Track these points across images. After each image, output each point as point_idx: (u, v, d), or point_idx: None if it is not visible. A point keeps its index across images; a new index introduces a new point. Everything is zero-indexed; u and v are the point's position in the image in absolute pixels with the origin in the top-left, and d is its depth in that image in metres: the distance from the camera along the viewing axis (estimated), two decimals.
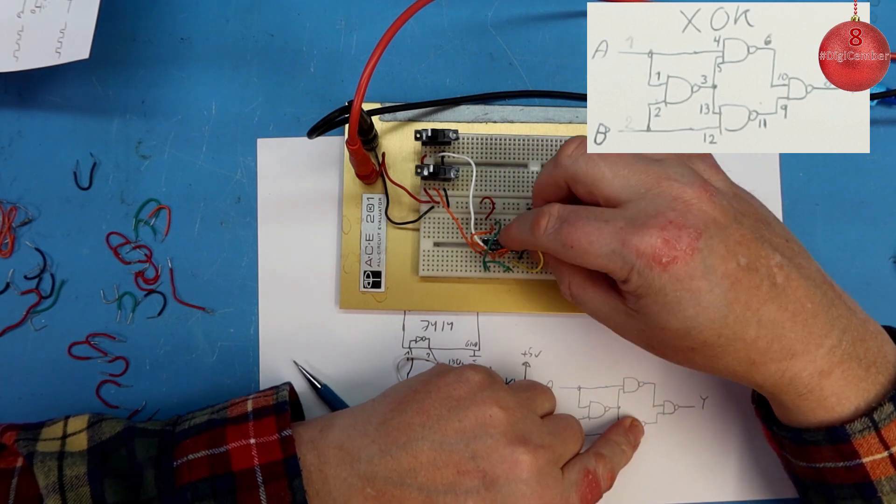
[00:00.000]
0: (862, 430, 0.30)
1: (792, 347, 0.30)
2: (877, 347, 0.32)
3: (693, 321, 0.30)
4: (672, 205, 0.30)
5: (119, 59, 0.43)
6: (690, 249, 0.29)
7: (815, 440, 0.32)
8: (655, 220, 0.29)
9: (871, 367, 0.31)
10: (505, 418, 0.32)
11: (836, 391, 0.31)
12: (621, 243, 0.30)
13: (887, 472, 0.31)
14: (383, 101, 0.41)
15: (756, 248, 0.30)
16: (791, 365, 0.31)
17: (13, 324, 0.41)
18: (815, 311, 0.30)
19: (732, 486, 0.40)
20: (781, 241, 0.31)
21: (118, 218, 0.42)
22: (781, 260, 0.30)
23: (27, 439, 0.33)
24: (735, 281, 0.29)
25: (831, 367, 0.31)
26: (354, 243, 0.41)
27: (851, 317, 0.31)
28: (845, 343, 0.31)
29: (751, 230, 0.30)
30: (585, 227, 0.31)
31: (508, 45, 0.43)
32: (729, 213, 0.30)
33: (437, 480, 0.31)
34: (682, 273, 0.29)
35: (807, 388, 0.31)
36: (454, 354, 0.41)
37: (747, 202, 0.32)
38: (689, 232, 0.29)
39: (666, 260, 0.29)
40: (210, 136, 0.42)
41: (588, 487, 0.34)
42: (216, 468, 0.31)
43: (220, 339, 0.41)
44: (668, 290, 0.29)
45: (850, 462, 0.31)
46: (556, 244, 0.32)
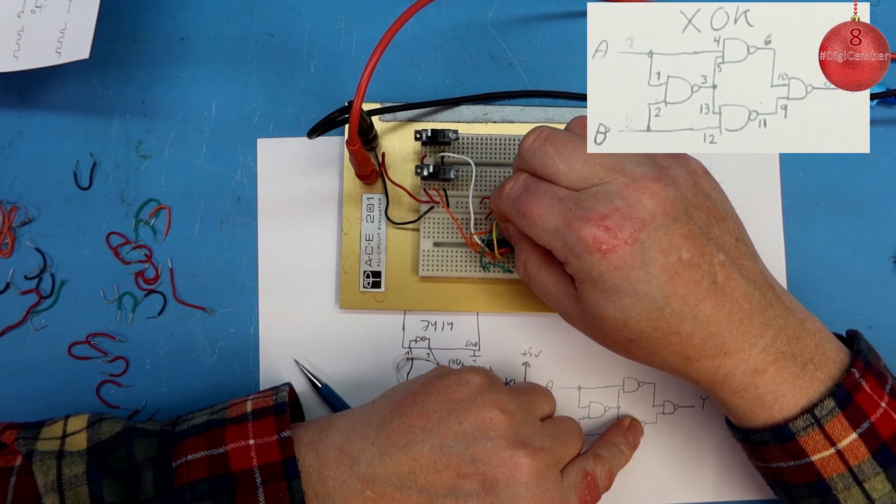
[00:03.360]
0: (805, 427, 0.31)
1: (725, 345, 0.31)
2: (814, 345, 0.32)
3: (630, 310, 0.30)
4: (622, 192, 0.30)
5: (119, 59, 0.43)
6: (632, 240, 0.29)
7: (764, 440, 0.32)
8: (602, 207, 0.30)
9: (808, 364, 0.31)
10: (505, 421, 0.32)
11: (772, 389, 0.31)
12: (566, 224, 0.30)
13: (838, 468, 0.31)
14: (383, 101, 0.41)
15: (701, 244, 0.30)
16: (724, 362, 0.31)
17: (13, 324, 0.41)
18: (752, 311, 0.31)
19: (732, 487, 0.40)
20: (730, 239, 0.32)
21: (118, 218, 0.42)
22: (724, 259, 0.31)
23: (27, 438, 0.33)
24: (674, 275, 0.30)
25: (765, 366, 0.31)
26: (354, 243, 0.41)
27: (788, 316, 0.32)
28: (780, 342, 0.31)
29: (699, 226, 0.31)
30: (541, 200, 0.31)
31: (508, 45, 0.43)
32: (679, 206, 0.30)
33: (437, 483, 0.31)
34: (620, 262, 0.29)
35: (741, 385, 0.31)
36: (454, 354, 0.41)
37: (705, 195, 0.32)
38: (633, 222, 0.29)
39: (605, 248, 0.29)
40: (210, 136, 0.42)
41: (587, 489, 0.34)
42: (215, 469, 0.31)
43: (220, 339, 0.41)
44: (607, 278, 0.30)
45: (799, 461, 0.31)
46: (513, 210, 0.33)
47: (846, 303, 0.41)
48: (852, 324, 0.41)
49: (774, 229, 0.42)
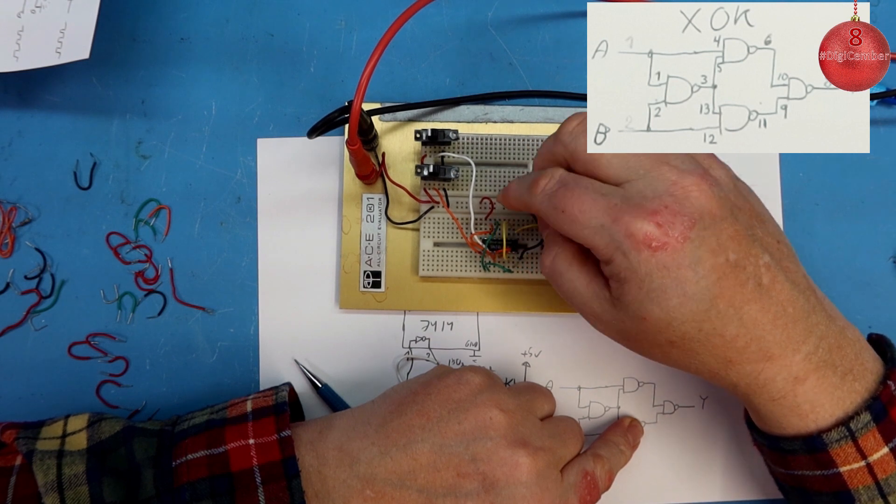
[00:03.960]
0: (839, 439, 0.30)
1: (769, 350, 0.30)
2: (854, 355, 0.31)
3: (676, 311, 0.29)
4: (670, 189, 0.29)
5: (119, 59, 0.43)
6: (682, 238, 0.29)
7: (792, 449, 0.32)
8: (651, 203, 0.29)
9: (847, 374, 0.31)
10: (505, 421, 0.32)
11: (811, 398, 0.31)
12: (612, 219, 0.29)
13: (865, 481, 0.30)
14: (383, 101, 0.41)
15: (747, 245, 0.30)
16: (766, 367, 0.30)
17: (13, 324, 0.41)
18: (796, 316, 0.30)
19: (732, 487, 0.40)
20: (773, 241, 0.31)
21: (118, 218, 0.42)
22: (770, 261, 0.30)
23: (27, 437, 0.33)
24: (722, 276, 0.29)
25: (806, 374, 0.30)
26: (354, 243, 0.41)
27: (830, 324, 0.31)
28: (822, 350, 0.31)
29: (744, 226, 0.30)
30: (582, 195, 0.30)
31: (508, 45, 0.43)
32: (725, 206, 0.30)
33: (437, 483, 0.31)
34: (669, 261, 0.29)
35: (780, 392, 0.31)
36: (454, 354, 0.41)
37: (745, 197, 0.32)
38: (684, 220, 0.29)
39: (656, 245, 0.29)
40: (210, 136, 0.42)
41: (586, 489, 0.34)
42: (214, 468, 0.31)
43: (220, 339, 0.41)
44: (655, 277, 0.29)
45: (827, 471, 0.31)
46: (549, 206, 0.31)
47: (846, 303, 0.41)
48: (852, 324, 0.41)
49: None
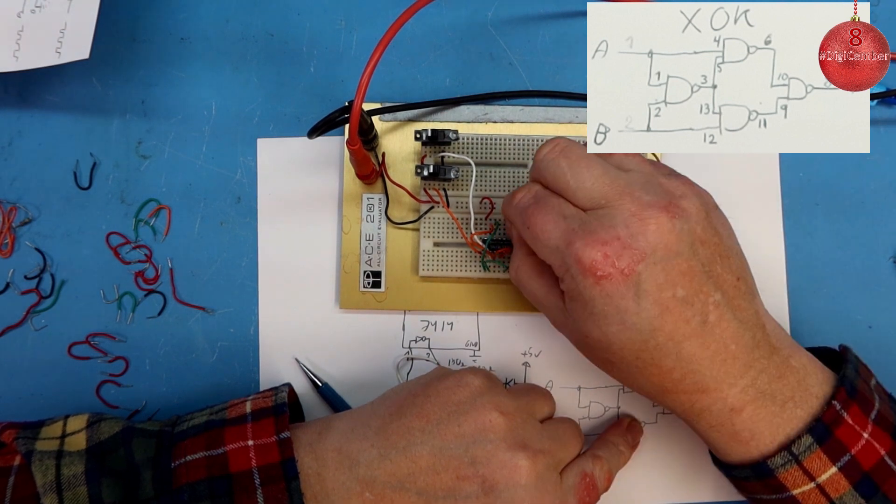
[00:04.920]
0: (783, 463, 0.31)
1: (704, 383, 0.31)
2: (796, 383, 0.32)
3: (614, 337, 0.30)
4: (626, 221, 0.30)
5: (119, 59, 0.43)
6: (629, 270, 0.29)
7: (745, 476, 0.32)
8: (604, 232, 0.30)
9: (788, 402, 0.31)
10: (504, 423, 0.32)
11: (749, 426, 0.31)
12: (566, 243, 0.30)
13: (819, 501, 0.31)
14: (383, 101, 0.41)
15: (698, 282, 0.30)
16: (700, 398, 0.31)
17: (13, 324, 0.41)
18: (737, 352, 0.31)
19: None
20: (731, 278, 0.31)
21: (118, 218, 0.42)
22: (720, 299, 0.30)
23: (26, 438, 0.33)
24: (665, 310, 0.30)
25: (743, 405, 0.31)
26: (354, 243, 0.41)
27: (772, 356, 0.32)
28: (760, 381, 0.31)
29: (701, 262, 0.30)
30: (547, 214, 0.31)
31: (508, 45, 0.43)
32: (684, 240, 0.30)
33: (437, 485, 0.31)
34: (613, 290, 0.29)
35: (717, 421, 0.32)
36: (454, 354, 0.41)
37: (714, 230, 0.31)
38: (633, 253, 0.29)
39: (601, 274, 0.29)
40: (210, 136, 0.42)
41: (585, 490, 0.34)
42: (213, 470, 0.31)
43: (220, 339, 0.41)
44: (597, 303, 0.30)
45: (780, 494, 0.32)
46: (519, 219, 0.33)
47: (846, 303, 0.41)
48: (852, 324, 0.41)
49: (774, 229, 0.42)
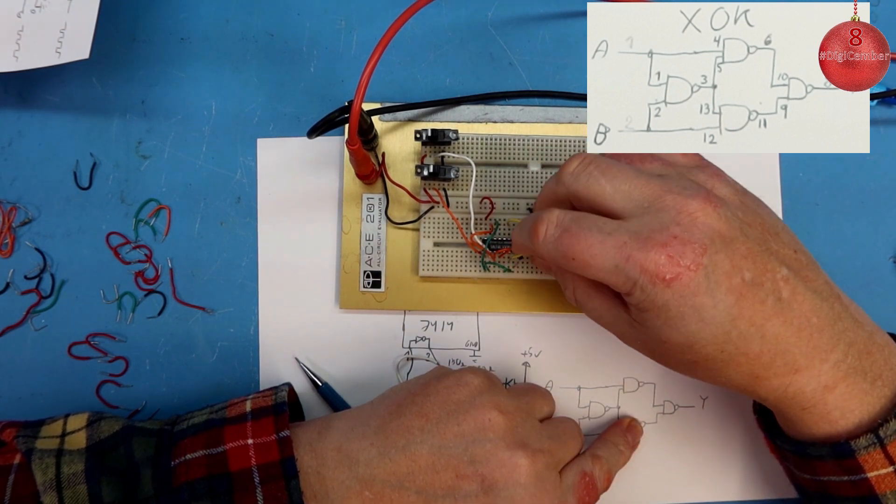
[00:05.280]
0: (867, 446, 0.30)
1: (796, 363, 0.30)
2: (883, 360, 0.31)
3: (696, 336, 0.29)
4: (676, 219, 0.29)
5: (119, 59, 0.43)
6: (695, 266, 0.29)
7: (820, 454, 0.31)
8: (659, 235, 0.29)
9: (877, 380, 0.31)
10: (504, 422, 0.32)
11: (840, 405, 0.31)
12: (625, 259, 0.29)
13: (893, 485, 0.30)
14: (383, 101, 0.41)
15: (762, 261, 0.30)
16: (795, 380, 0.30)
17: (13, 324, 0.41)
18: (821, 325, 0.30)
19: (733, 487, 0.40)
20: (789, 252, 0.31)
21: (118, 218, 0.42)
22: (788, 273, 0.30)
23: (26, 436, 0.33)
24: (740, 296, 0.29)
25: (836, 382, 0.30)
26: (354, 243, 0.41)
27: (858, 330, 0.31)
28: (850, 357, 0.30)
29: (757, 242, 0.30)
30: (588, 238, 0.30)
31: (508, 45, 0.43)
32: (734, 226, 0.30)
33: (436, 484, 0.31)
34: (685, 289, 0.29)
35: (811, 402, 0.31)
36: (454, 354, 0.41)
37: (754, 211, 0.31)
38: (694, 248, 0.29)
39: (669, 277, 0.28)
40: (210, 136, 0.42)
41: (585, 490, 0.34)
42: (213, 468, 0.31)
43: (220, 339, 0.41)
44: (672, 306, 0.29)
45: (854, 476, 0.31)
46: (557, 254, 0.31)
47: None
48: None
49: None
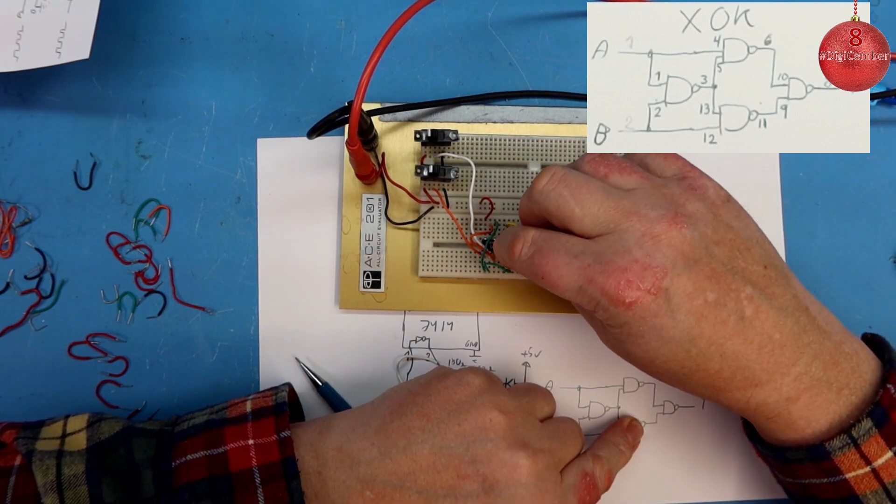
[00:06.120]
0: (842, 447, 0.31)
1: (756, 377, 0.31)
2: (851, 369, 0.32)
3: (656, 353, 0.30)
4: (640, 242, 0.30)
5: (119, 59, 0.43)
6: (655, 290, 0.29)
7: (797, 458, 0.32)
8: (621, 259, 0.30)
9: (843, 389, 0.31)
10: (505, 422, 0.32)
11: (805, 415, 0.31)
12: (588, 281, 0.30)
13: (872, 486, 0.31)
14: (383, 101, 0.41)
15: (726, 281, 0.30)
16: (756, 393, 0.31)
17: (13, 324, 0.41)
18: (783, 341, 0.30)
19: (732, 487, 0.40)
20: (758, 268, 0.31)
21: (118, 218, 0.42)
22: (752, 291, 0.30)
23: (27, 438, 0.33)
24: (700, 317, 0.30)
25: (798, 394, 0.31)
26: (354, 243, 0.41)
27: (824, 341, 0.31)
28: (815, 368, 0.31)
29: (722, 262, 0.30)
30: (556, 259, 0.31)
31: (508, 45, 0.43)
32: (699, 246, 0.30)
33: (437, 484, 0.31)
34: (645, 312, 0.29)
35: (774, 412, 0.31)
36: (454, 354, 0.41)
37: (727, 225, 0.31)
38: (655, 271, 0.29)
39: (629, 301, 0.29)
40: (210, 136, 0.42)
41: (586, 490, 0.34)
42: (214, 469, 0.31)
43: (220, 339, 0.41)
44: (633, 325, 0.30)
45: (833, 478, 0.31)
46: (529, 273, 0.33)
47: (846, 303, 0.41)
48: (852, 324, 0.41)
49: (774, 229, 0.42)
